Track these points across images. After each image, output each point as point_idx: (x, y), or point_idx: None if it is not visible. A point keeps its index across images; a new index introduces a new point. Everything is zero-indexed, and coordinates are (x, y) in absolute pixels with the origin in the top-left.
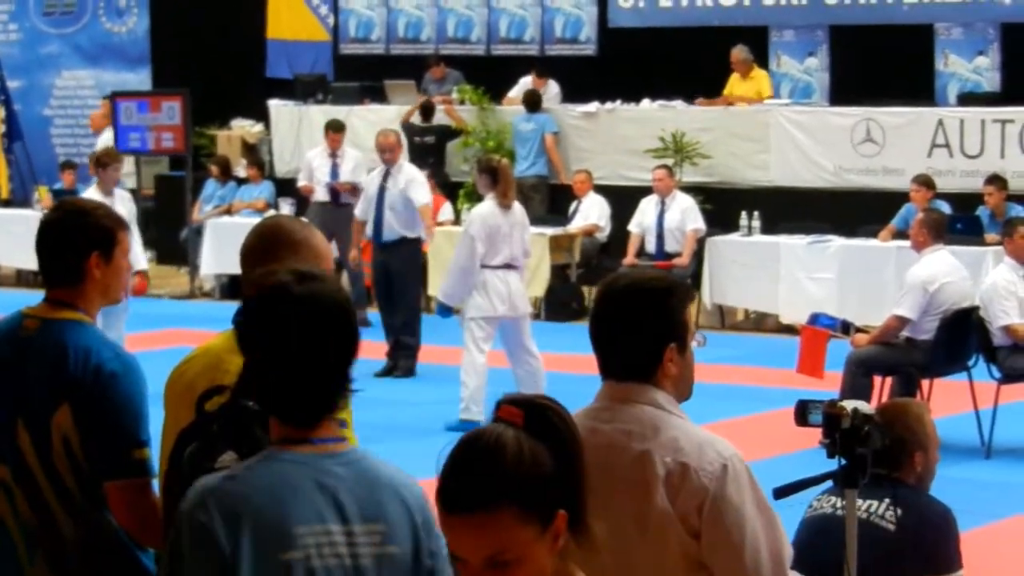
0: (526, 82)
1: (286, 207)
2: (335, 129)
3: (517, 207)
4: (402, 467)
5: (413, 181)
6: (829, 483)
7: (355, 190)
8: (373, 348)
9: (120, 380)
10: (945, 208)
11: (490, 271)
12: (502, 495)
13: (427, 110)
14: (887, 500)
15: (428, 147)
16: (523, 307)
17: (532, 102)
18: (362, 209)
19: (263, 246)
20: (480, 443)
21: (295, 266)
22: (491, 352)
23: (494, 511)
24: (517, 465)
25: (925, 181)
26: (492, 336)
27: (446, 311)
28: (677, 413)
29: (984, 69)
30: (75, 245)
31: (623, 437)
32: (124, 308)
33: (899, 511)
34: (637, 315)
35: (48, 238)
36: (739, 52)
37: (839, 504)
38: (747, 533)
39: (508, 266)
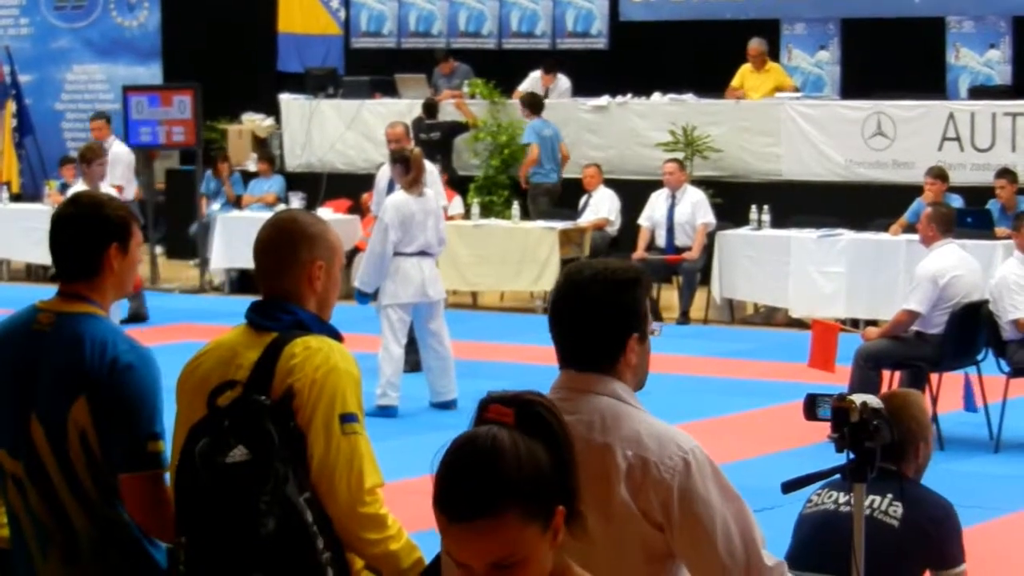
0: (535, 77)
1: (296, 201)
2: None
3: (430, 195)
4: (405, 462)
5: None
6: (830, 476)
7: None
8: (376, 343)
9: (136, 373)
10: (957, 202)
11: (404, 258)
12: (504, 500)
13: (430, 108)
14: (890, 495)
15: (434, 143)
16: (435, 293)
17: (538, 104)
18: (376, 203)
19: (278, 240)
20: (476, 447)
21: None
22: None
23: (497, 516)
24: (516, 467)
25: (939, 174)
26: (407, 322)
27: (364, 298)
28: (636, 404)
29: (995, 62)
30: (94, 237)
31: (583, 429)
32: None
33: (902, 506)
34: (604, 305)
35: (65, 231)
36: (760, 45)
37: (841, 499)
38: (717, 524)
39: (423, 253)
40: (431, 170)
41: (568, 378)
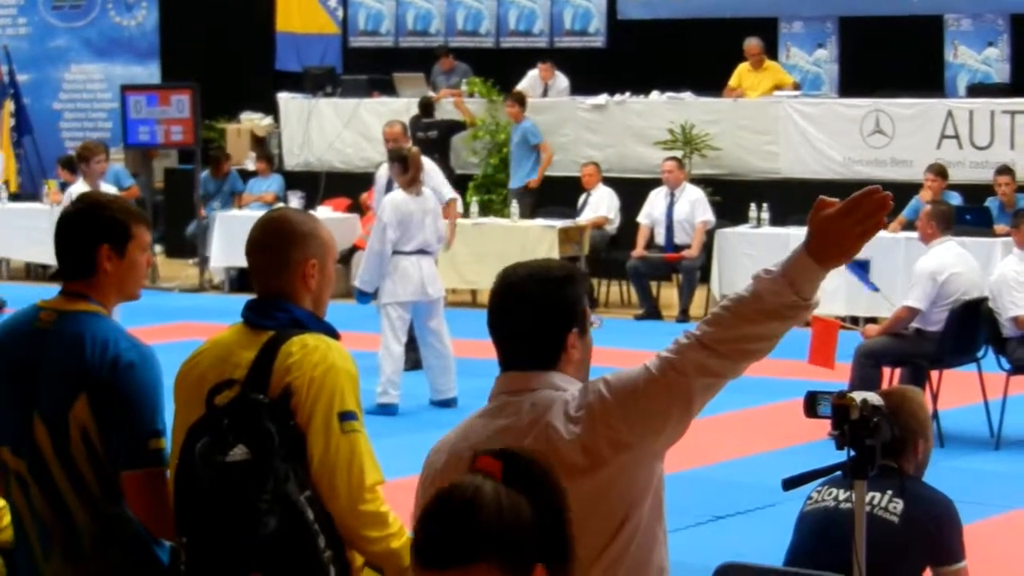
0: (534, 75)
1: (295, 200)
2: None
3: (428, 193)
4: (405, 460)
5: (428, 173)
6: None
7: None
8: (375, 341)
9: (137, 370)
10: (956, 199)
11: (403, 256)
12: (479, 551)
13: (427, 107)
14: (889, 492)
15: (431, 142)
16: (434, 291)
17: (525, 102)
18: (377, 202)
19: (269, 239)
20: (456, 496)
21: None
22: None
23: (471, 567)
24: (495, 519)
25: (939, 171)
26: (407, 320)
27: (364, 297)
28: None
29: (993, 60)
30: (86, 238)
31: (527, 427)
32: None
33: (902, 503)
34: (540, 302)
35: (64, 231)
36: (757, 44)
37: (841, 496)
38: (633, 370)
39: (421, 251)
40: (431, 166)
41: (506, 380)
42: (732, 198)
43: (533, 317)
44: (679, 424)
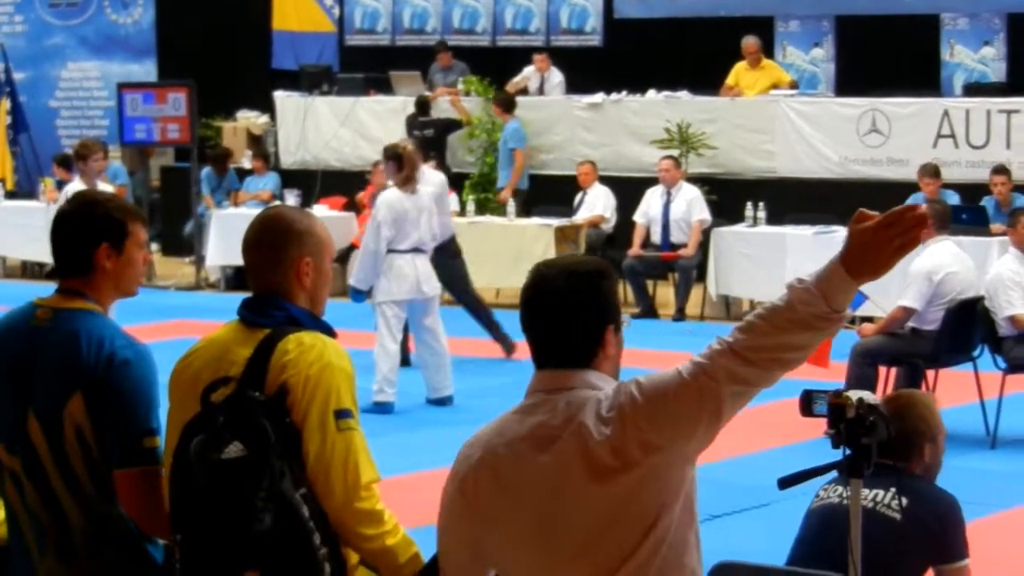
0: (530, 71)
1: (292, 199)
2: None
3: (424, 192)
4: (400, 458)
5: (425, 178)
6: (835, 473)
7: None
8: (370, 339)
9: (132, 368)
10: (953, 198)
11: (398, 255)
12: None
13: (423, 105)
14: (892, 489)
15: (427, 140)
16: (430, 290)
17: (512, 104)
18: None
19: (265, 237)
20: None
21: None
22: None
23: None
24: None
25: (933, 172)
26: (402, 318)
27: (359, 295)
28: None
29: (990, 59)
30: (84, 236)
31: (561, 425)
32: None
33: (905, 500)
34: (577, 299)
35: (61, 229)
36: (755, 42)
37: (845, 494)
38: (666, 373)
39: (416, 250)
40: (440, 180)
41: (544, 379)
42: (728, 197)
43: (569, 314)
44: (709, 429)
